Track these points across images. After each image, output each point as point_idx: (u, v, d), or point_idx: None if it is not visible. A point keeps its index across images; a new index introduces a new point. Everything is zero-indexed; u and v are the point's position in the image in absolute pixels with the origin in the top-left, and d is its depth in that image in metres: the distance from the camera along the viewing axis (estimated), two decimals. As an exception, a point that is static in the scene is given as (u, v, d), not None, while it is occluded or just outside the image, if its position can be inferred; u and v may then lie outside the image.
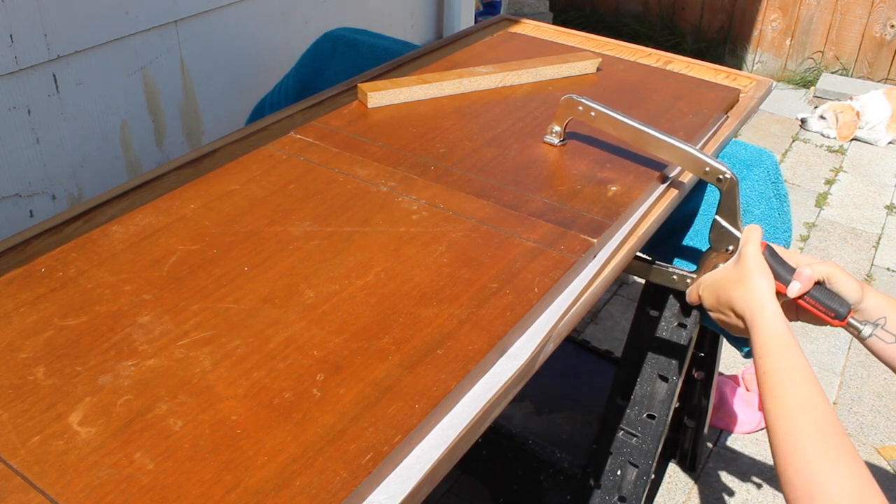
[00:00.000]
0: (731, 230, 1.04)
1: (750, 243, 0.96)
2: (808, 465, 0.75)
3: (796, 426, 0.79)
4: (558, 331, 0.86)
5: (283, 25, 2.06)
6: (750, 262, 0.94)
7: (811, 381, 0.82)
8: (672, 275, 1.18)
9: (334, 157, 1.12)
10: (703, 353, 1.68)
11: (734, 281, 0.95)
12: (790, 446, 0.78)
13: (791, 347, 0.85)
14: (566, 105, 1.15)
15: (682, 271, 1.17)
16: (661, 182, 1.13)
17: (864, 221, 3.01)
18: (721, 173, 1.02)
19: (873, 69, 4.03)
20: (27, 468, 0.64)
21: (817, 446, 0.76)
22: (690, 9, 4.39)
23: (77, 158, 1.62)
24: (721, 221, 1.04)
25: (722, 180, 1.02)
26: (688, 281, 1.15)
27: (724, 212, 1.04)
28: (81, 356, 0.76)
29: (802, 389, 0.81)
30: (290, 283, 0.87)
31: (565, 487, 1.60)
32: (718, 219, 1.04)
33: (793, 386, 0.82)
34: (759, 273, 0.93)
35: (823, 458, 0.75)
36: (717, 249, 1.06)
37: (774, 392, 0.83)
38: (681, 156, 1.06)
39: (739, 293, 0.93)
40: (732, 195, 1.02)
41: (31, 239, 0.92)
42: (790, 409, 0.80)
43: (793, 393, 0.82)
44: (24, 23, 1.43)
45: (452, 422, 0.73)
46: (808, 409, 0.79)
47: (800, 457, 0.76)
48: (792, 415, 0.80)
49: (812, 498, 0.73)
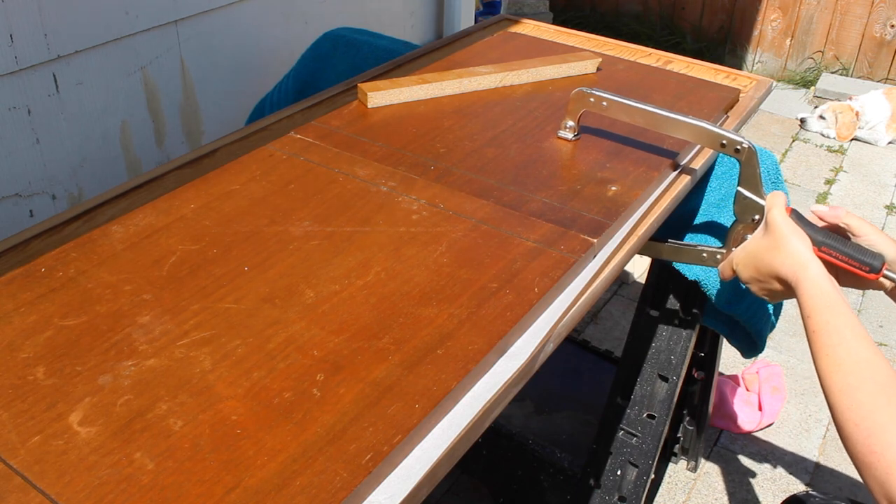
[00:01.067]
0: (755, 199, 1.05)
1: (775, 208, 0.96)
2: (868, 419, 0.75)
3: (851, 382, 0.78)
4: (558, 331, 0.86)
5: (283, 25, 2.06)
6: (781, 226, 0.94)
7: (862, 336, 0.81)
8: (702, 252, 1.18)
9: (334, 157, 1.12)
10: (703, 353, 1.68)
11: (770, 248, 0.94)
12: (847, 402, 0.77)
13: (838, 304, 0.84)
14: (577, 98, 1.16)
15: (711, 248, 1.17)
16: (662, 182, 1.13)
17: (864, 221, 3.01)
18: (738, 144, 1.04)
19: (873, 69, 4.03)
20: (27, 468, 0.64)
21: (876, 400, 0.76)
22: (690, 9, 4.39)
23: (77, 158, 1.62)
24: (744, 192, 1.05)
25: (740, 150, 1.04)
26: (718, 257, 1.15)
27: (745, 182, 1.05)
28: (81, 356, 0.76)
29: (854, 345, 0.81)
30: (290, 283, 0.87)
31: (565, 487, 1.60)
32: (741, 190, 1.05)
33: (844, 343, 0.81)
34: (794, 234, 0.93)
35: (883, 410, 0.75)
36: (744, 221, 1.07)
37: (826, 350, 0.82)
38: (697, 132, 1.08)
39: (780, 258, 0.92)
40: (752, 164, 1.04)
41: (31, 239, 0.92)
42: (844, 366, 0.80)
43: (845, 350, 0.81)
44: (24, 23, 1.43)
45: (452, 422, 0.73)
46: (862, 364, 0.79)
47: (857, 411, 0.76)
48: (846, 371, 0.79)
49: (873, 451, 0.73)
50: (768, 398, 2.06)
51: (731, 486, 1.90)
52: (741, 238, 1.08)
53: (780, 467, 1.96)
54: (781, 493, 1.88)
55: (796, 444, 2.01)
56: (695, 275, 1.30)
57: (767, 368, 2.15)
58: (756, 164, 1.03)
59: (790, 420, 2.08)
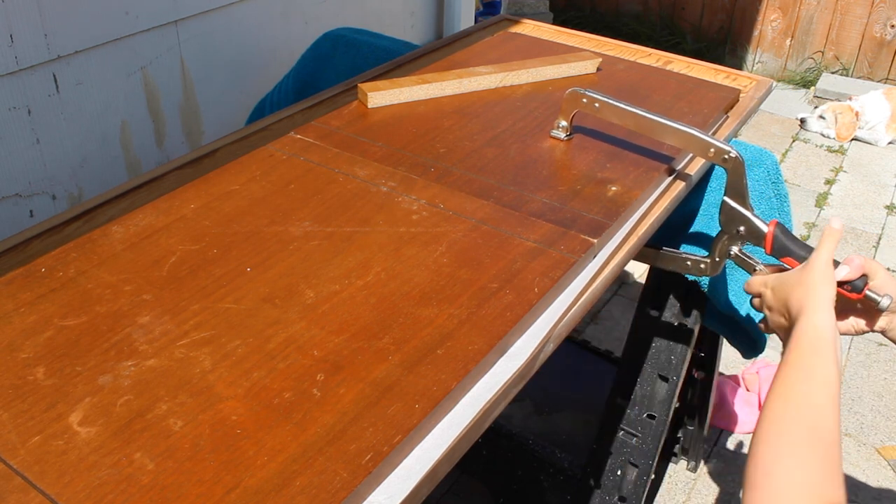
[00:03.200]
0: (740, 210, 1.04)
1: (823, 250, 0.92)
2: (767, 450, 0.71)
3: (789, 413, 0.74)
4: (558, 331, 0.86)
5: (283, 25, 2.06)
6: (817, 268, 0.90)
7: (830, 386, 0.77)
8: (685, 260, 1.18)
9: (334, 157, 1.12)
10: (703, 353, 1.68)
11: (796, 283, 0.92)
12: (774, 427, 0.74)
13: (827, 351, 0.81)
14: (571, 98, 1.16)
15: (694, 256, 1.16)
16: (662, 182, 1.13)
17: (864, 221, 3.01)
18: (726, 153, 1.03)
19: (873, 69, 4.03)
20: (27, 468, 0.64)
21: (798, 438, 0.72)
22: (690, 9, 4.39)
23: (77, 158, 1.62)
24: (730, 202, 1.04)
25: (727, 160, 1.03)
26: (701, 266, 1.14)
27: (731, 192, 1.04)
28: (81, 356, 0.76)
29: (816, 390, 0.77)
30: (290, 283, 0.87)
31: (565, 487, 1.60)
32: (727, 200, 1.04)
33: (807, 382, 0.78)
34: (824, 282, 0.89)
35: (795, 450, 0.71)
36: (728, 231, 1.06)
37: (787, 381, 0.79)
38: (686, 139, 1.07)
39: (798, 294, 0.90)
40: (738, 174, 1.03)
41: (31, 239, 0.92)
42: (792, 399, 0.76)
43: (805, 389, 0.77)
44: (24, 23, 1.43)
45: (452, 422, 0.73)
46: (812, 408, 0.75)
47: (775, 438, 0.72)
48: (793, 403, 0.76)
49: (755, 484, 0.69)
50: (768, 398, 2.06)
51: (731, 487, 1.90)
52: (725, 249, 1.07)
53: (780, 467, 1.95)
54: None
55: (796, 445, 2.01)
56: (694, 275, 1.30)
57: (767, 368, 2.15)
58: (743, 174, 1.02)
59: (790, 420, 2.08)
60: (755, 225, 1.04)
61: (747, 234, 1.05)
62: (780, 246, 1.01)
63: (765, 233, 1.02)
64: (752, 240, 1.06)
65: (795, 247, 0.97)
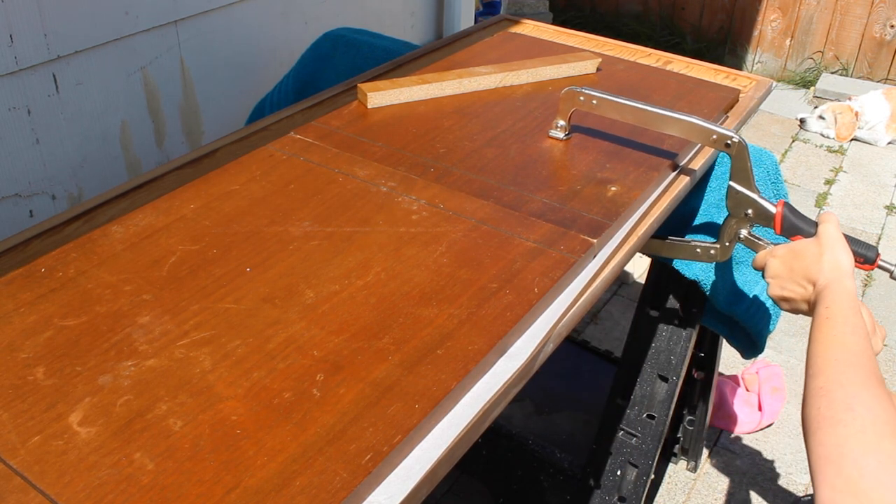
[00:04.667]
0: (747, 193, 1.05)
1: (829, 223, 0.97)
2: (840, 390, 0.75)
3: (840, 357, 0.79)
4: (558, 331, 0.86)
5: (283, 25, 2.06)
6: (833, 237, 0.96)
7: (867, 340, 0.83)
8: (696, 248, 1.18)
9: (334, 157, 1.12)
10: (703, 353, 1.68)
11: (815, 254, 0.96)
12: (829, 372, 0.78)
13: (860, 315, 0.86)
14: (567, 97, 1.16)
15: (704, 243, 1.17)
16: (662, 182, 1.13)
17: (864, 221, 3.01)
18: (728, 138, 1.04)
19: (873, 69, 4.03)
20: (27, 468, 0.64)
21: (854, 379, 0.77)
22: (690, 9, 4.39)
23: (77, 158, 1.62)
24: (736, 186, 1.06)
25: (731, 145, 1.04)
26: (711, 252, 1.15)
27: (736, 176, 1.05)
28: (81, 356, 0.76)
29: (858, 341, 0.82)
30: (290, 283, 0.87)
31: (565, 487, 1.60)
32: (733, 184, 1.06)
33: (852, 335, 0.83)
34: (843, 249, 0.95)
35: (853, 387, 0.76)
36: (737, 215, 1.07)
37: (832, 332, 0.84)
38: (687, 127, 1.08)
39: (821, 265, 0.94)
40: (743, 158, 1.04)
41: (31, 239, 0.92)
42: (842, 346, 0.81)
43: (851, 340, 0.82)
44: (24, 23, 1.43)
45: (452, 422, 0.73)
46: (859, 355, 0.80)
47: (833, 379, 0.77)
48: (842, 349, 0.80)
49: (839, 420, 0.73)
50: (768, 398, 2.06)
51: (731, 486, 1.90)
52: (734, 233, 1.08)
53: (780, 467, 1.96)
54: (781, 493, 1.88)
55: (796, 444, 2.01)
56: (694, 274, 1.30)
57: (767, 368, 2.15)
58: (747, 158, 1.04)
59: (790, 420, 2.08)
60: (763, 206, 1.06)
61: (756, 216, 1.07)
62: (790, 225, 1.04)
63: (773, 214, 1.04)
64: (760, 221, 1.07)
65: (805, 224, 0.99)
